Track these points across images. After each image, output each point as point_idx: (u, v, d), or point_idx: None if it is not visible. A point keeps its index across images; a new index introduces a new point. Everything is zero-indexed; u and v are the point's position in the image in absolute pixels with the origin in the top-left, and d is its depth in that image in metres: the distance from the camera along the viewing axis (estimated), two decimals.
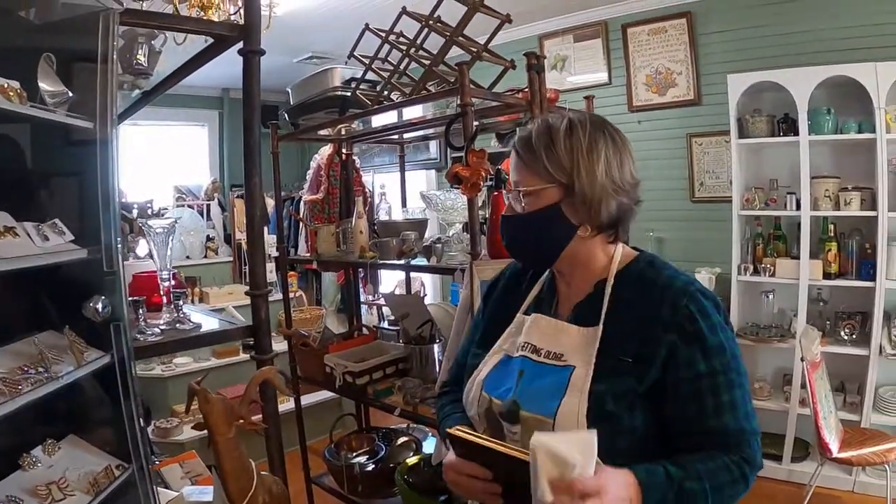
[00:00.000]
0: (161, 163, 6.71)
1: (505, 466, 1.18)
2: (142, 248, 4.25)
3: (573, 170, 1.29)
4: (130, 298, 2.08)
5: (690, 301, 1.27)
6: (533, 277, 1.52)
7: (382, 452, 3.45)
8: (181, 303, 2.33)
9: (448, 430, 1.26)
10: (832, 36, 3.96)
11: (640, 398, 1.25)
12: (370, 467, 3.34)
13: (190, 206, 6.30)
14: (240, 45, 2.24)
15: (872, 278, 3.72)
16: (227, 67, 2.71)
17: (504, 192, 1.48)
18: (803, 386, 3.62)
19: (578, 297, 1.40)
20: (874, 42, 3.78)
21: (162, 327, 2.20)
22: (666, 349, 1.25)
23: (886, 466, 3.17)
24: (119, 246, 1.71)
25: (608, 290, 1.34)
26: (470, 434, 1.24)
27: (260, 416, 2.22)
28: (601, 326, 1.31)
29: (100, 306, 1.67)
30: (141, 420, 1.79)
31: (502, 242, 1.48)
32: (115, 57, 1.71)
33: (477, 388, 1.42)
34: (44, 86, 1.63)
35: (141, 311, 2.16)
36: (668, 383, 1.25)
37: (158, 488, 1.93)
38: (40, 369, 1.54)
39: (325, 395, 4.62)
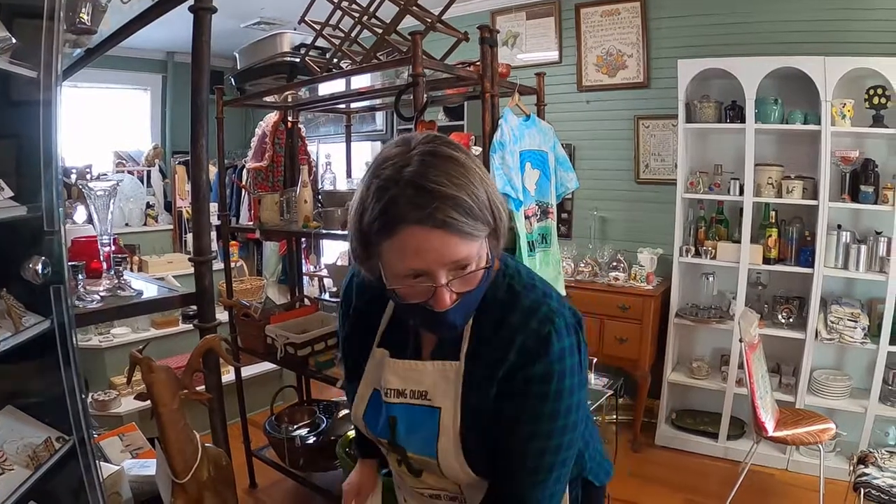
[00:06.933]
0: (101, 127, 6.48)
1: None
2: (80, 214, 4.12)
3: (494, 211, 1.09)
4: (70, 263, 2.00)
5: (548, 325, 1.15)
6: (374, 303, 1.36)
7: (324, 425, 3.44)
8: (122, 269, 2.25)
9: None
10: (782, 28, 4.03)
11: None
12: (311, 440, 3.33)
13: (130, 173, 6.12)
14: (190, 1, 2.16)
15: (811, 265, 3.82)
16: (173, 30, 2.63)
17: (429, 279, 1.08)
18: (740, 366, 3.72)
19: None
20: (823, 37, 3.86)
21: (102, 294, 2.12)
22: (505, 370, 1.16)
23: (819, 446, 3.27)
24: (61, 204, 1.64)
25: (468, 323, 1.21)
26: None
27: (203, 386, 2.16)
28: (462, 362, 1.21)
29: (40, 267, 1.59)
30: (82, 389, 1.72)
31: (437, 333, 1.24)
32: (61, 14, 1.62)
33: (362, 426, 1.38)
34: None
35: (80, 276, 2.08)
36: (502, 400, 1.18)
37: (99, 462, 1.86)
38: None
39: (265, 366, 4.58)
